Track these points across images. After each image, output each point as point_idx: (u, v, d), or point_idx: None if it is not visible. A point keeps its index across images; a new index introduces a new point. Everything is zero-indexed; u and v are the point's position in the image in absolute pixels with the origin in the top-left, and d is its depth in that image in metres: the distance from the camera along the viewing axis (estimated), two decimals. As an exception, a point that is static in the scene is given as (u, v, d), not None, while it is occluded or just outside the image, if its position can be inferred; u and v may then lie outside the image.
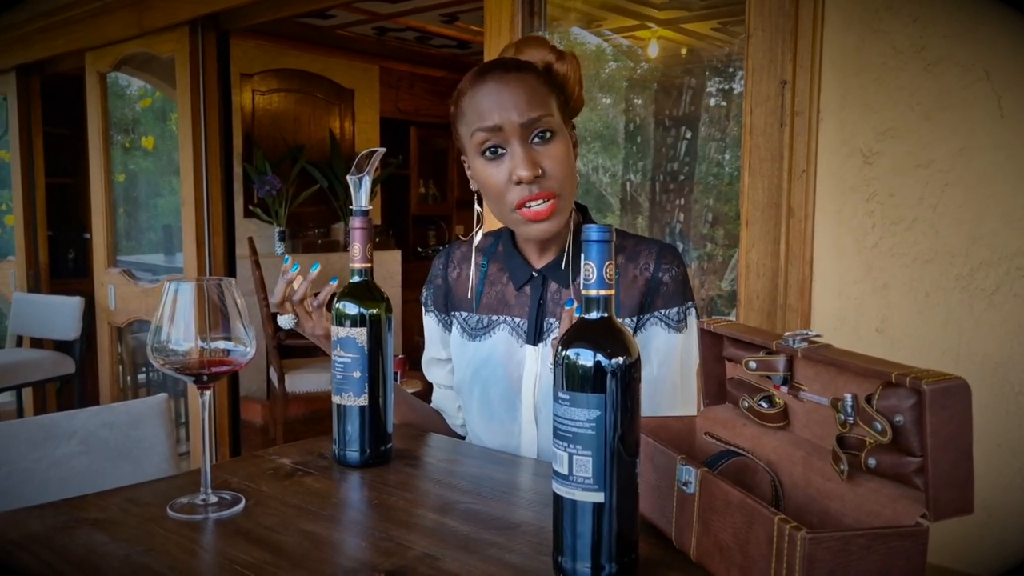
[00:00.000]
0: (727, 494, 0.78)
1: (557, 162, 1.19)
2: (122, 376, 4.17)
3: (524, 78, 1.20)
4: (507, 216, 1.24)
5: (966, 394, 0.69)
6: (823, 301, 1.69)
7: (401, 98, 6.29)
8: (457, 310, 1.38)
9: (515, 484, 1.13)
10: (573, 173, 1.24)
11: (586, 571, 0.79)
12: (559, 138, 1.21)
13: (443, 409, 1.46)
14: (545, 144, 1.20)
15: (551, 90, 1.23)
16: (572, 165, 1.23)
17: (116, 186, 4.09)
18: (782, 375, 0.91)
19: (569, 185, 1.22)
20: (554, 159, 1.19)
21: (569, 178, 1.22)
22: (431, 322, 1.44)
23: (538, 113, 1.18)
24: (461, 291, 1.38)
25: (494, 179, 1.21)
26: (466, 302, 1.37)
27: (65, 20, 3.82)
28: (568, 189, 1.22)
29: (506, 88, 1.19)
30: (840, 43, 1.65)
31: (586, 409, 0.78)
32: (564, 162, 1.20)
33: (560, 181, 1.20)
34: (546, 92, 1.22)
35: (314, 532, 0.93)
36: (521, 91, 1.19)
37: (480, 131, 1.20)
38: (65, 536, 0.91)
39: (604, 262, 0.79)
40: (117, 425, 1.61)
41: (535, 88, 1.20)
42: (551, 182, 1.19)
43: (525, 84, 1.20)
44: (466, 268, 1.38)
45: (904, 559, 0.69)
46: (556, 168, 1.19)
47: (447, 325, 1.41)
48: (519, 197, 1.19)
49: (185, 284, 0.99)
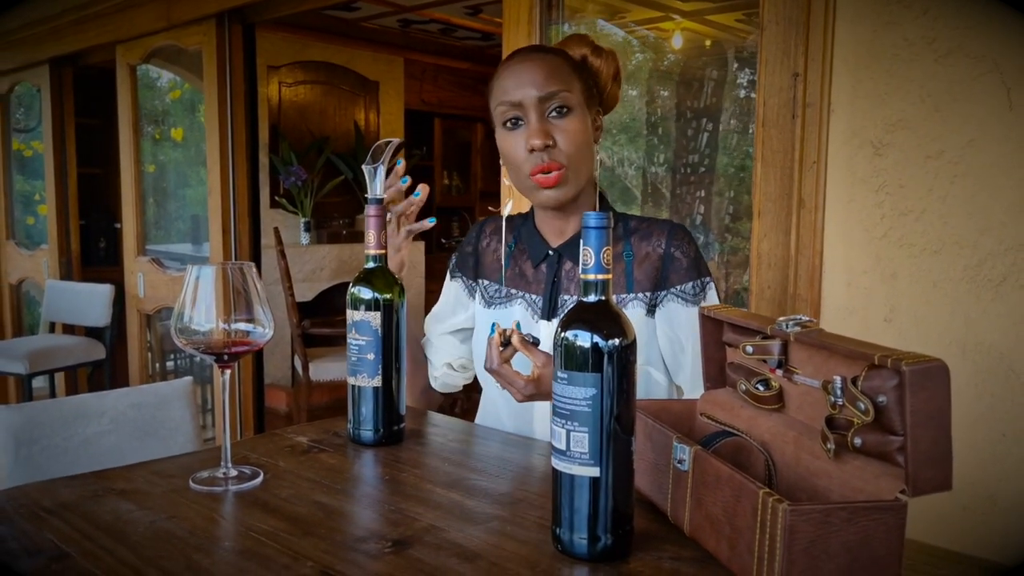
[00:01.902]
0: (718, 470, 0.81)
1: (568, 135, 1.26)
2: (151, 362, 4.27)
3: (547, 58, 1.29)
4: (523, 183, 1.31)
5: (945, 375, 0.72)
6: (832, 291, 1.71)
7: (425, 90, 6.34)
8: (483, 278, 1.46)
9: (522, 463, 1.17)
10: (587, 149, 1.29)
11: (583, 542, 0.83)
12: (575, 115, 1.28)
13: (430, 358, 1.53)
14: (561, 118, 1.27)
15: (577, 75, 1.30)
16: (586, 142, 1.29)
17: (146, 176, 4.18)
18: (777, 359, 0.94)
19: (579, 159, 1.28)
20: (567, 132, 1.26)
21: (580, 152, 1.28)
22: (454, 286, 1.50)
23: (556, 88, 1.26)
24: (488, 260, 1.46)
25: (512, 149, 1.29)
26: (492, 272, 1.44)
27: (97, 13, 3.90)
28: (578, 162, 1.28)
29: (528, 65, 1.28)
30: (852, 35, 1.66)
31: (583, 388, 0.82)
32: (576, 136, 1.27)
33: (569, 154, 1.26)
34: (569, 72, 1.29)
35: (327, 504, 0.98)
36: (541, 68, 1.27)
37: (502, 104, 1.29)
38: (94, 504, 0.97)
39: (602, 247, 0.83)
40: (145, 406, 1.67)
41: (557, 67, 1.28)
42: (560, 154, 1.26)
43: (547, 62, 1.28)
44: (495, 241, 1.46)
45: (883, 532, 0.72)
46: (567, 141, 1.26)
47: (472, 291, 1.48)
48: (532, 165, 1.27)
49: (207, 268, 1.04)
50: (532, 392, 1.19)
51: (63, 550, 0.84)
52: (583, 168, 1.30)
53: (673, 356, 1.33)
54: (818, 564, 0.71)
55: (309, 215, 5.39)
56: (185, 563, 0.81)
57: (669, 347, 1.32)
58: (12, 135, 5.12)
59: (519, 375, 1.19)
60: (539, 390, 1.19)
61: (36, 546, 0.85)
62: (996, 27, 1.50)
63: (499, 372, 1.20)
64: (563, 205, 1.31)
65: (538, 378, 1.18)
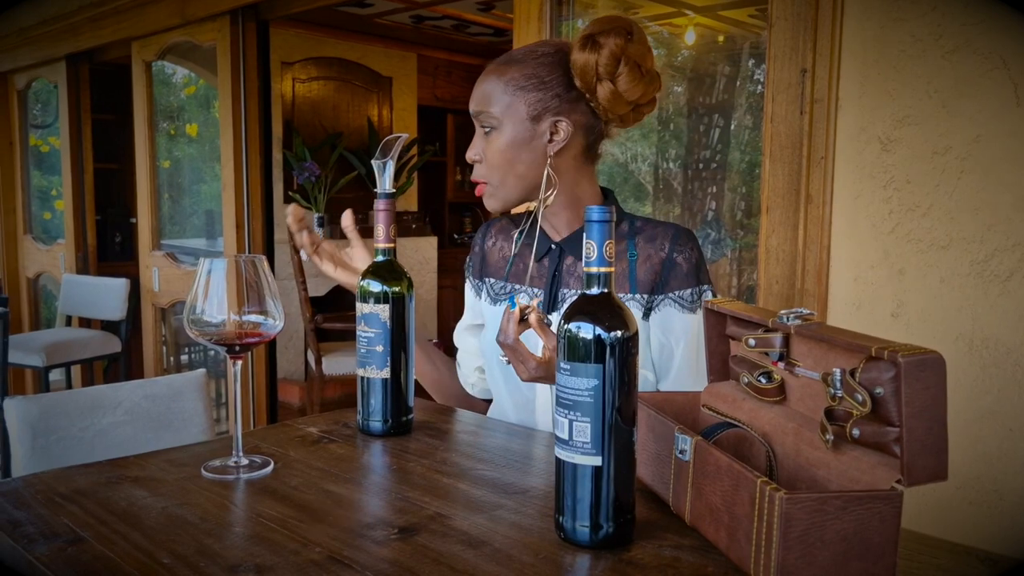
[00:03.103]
0: (718, 460, 0.83)
1: (489, 154, 1.33)
2: (165, 356, 4.31)
3: (501, 70, 1.32)
4: None
5: (940, 367, 0.73)
6: (840, 286, 1.72)
7: (438, 85, 6.36)
8: (488, 276, 1.49)
9: (528, 454, 1.19)
10: (507, 165, 1.32)
11: (585, 530, 0.85)
12: (500, 132, 1.32)
13: (460, 364, 1.57)
14: (487, 135, 1.34)
15: (535, 84, 1.29)
16: (507, 157, 1.32)
17: (161, 172, 4.22)
18: (778, 351, 0.96)
19: (501, 175, 1.33)
20: (488, 150, 1.33)
21: (500, 168, 1.33)
22: (468, 289, 1.55)
23: (480, 108, 1.33)
24: (493, 259, 1.49)
25: None
26: (497, 270, 1.47)
27: (113, 9, 3.94)
28: (499, 178, 1.33)
29: (480, 80, 1.34)
30: (859, 31, 1.67)
31: (585, 379, 0.83)
32: (495, 155, 1.32)
33: (489, 171, 1.34)
34: (516, 87, 1.30)
35: (336, 492, 1.00)
36: (482, 85, 1.33)
37: None
38: (108, 490, 0.99)
39: (604, 241, 0.85)
40: (159, 397, 1.70)
41: (501, 84, 1.31)
42: (482, 169, 1.35)
43: (491, 78, 1.33)
44: (500, 239, 1.49)
45: (879, 521, 0.73)
46: (488, 159, 1.34)
47: (479, 291, 1.51)
48: None
49: (219, 260, 1.06)
50: (540, 375, 1.19)
51: (78, 534, 0.87)
52: (511, 183, 1.33)
53: (661, 361, 1.34)
54: (813, 551, 0.72)
55: (322, 210, 5.42)
56: (196, 547, 0.84)
57: (659, 352, 1.34)
58: (29, 131, 5.17)
59: (532, 355, 1.19)
60: (547, 372, 1.19)
61: (52, 530, 0.88)
62: (1003, 24, 1.51)
63: (512, 347, 1.19)
64: (499, 214, 1.40)
65: (548, 360, 1.19)
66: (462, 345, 1.55)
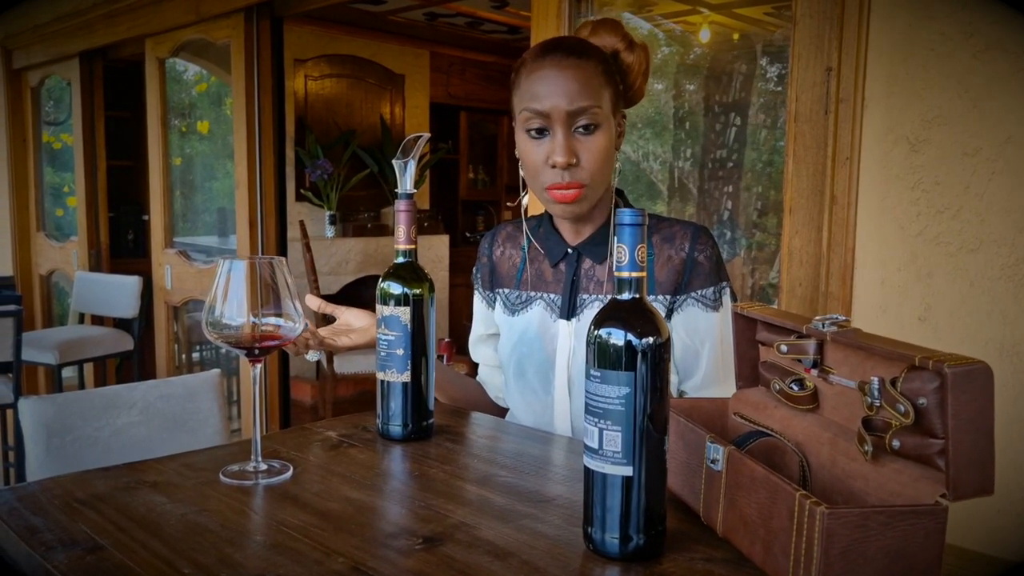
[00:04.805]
0: (752, 471, 0.80)
1: (593, 155, 1.23)
2: (178, 354, 4.31)
3: (582, 65, 1.22)
4: (539, 191, 1.29)
5: (988, 378, 0.71)
6: (865, 289, 1.69)
7: (452, 83, 6.34)
8: (500, 287, 1.44)
9: (551, 460, 1.17)
10: (608, 165, 1.27)
11: (614, 542, 0.83)
12: (602, 131, 1.23)
13: (485, 382, 1.52)
14: (587, 135, 1.23)
15: (608, 80, 1.25)
16: (608, 158, 1.26)
17: (173, 169, 4.21)
18: (812, 358, 0.93)
19: (600, 176, 1.26)
20: (591, 151, 1.23)
21: (602, 170, 1.25)
22: (478, 300, 1.50)
23: (586, 103, 1.21)
24: (504, 268, 1.44)
25: (533, 157, 1.26)
26: (508, 279, 1.43)
27: (128, 7, 3.94)
28: (599, 180, 1.26)
29: (561, 75, 1.21)
30: (887, 29, 1.64)
31: (616, 386, 0.81)
32: (600, 155, 1.24)
33: (592, 173, 1.24)
34: (601, 83, 1.24)
35: (357, 499, 0.98)
36: (575, 79, 1.21)
37: (527, 111, 1.24)
38: (127, 496, 0.97)
39: (636, 245, 0.82)
40: (174, 397, 1.68)
41: (590, 78, 1.22)
42: (583, 173, 1.23)
43: (581, 72, 1.22)
44: (510, 247, 1.44)
45: (923, 537, 0.71)
46: (591, 160, 1.23)
47: (491, 302, 1.47)
48: (551, 180, 1.24)
49: (239, 262, 1.04)
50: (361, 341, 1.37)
51: (97, 542, 0.85)
52: (602, 183, 1.28)
53: (685, 361, 1.31)
54: (855, 568, 0.70)
55: (335, 208, 5.41)
56: (218, 556, 0.82)
57: (683, 352, 1.31)
58: (42, 128, 5.18)
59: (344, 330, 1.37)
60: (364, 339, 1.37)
61: (71, 537, 0.86)
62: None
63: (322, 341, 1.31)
64: (577, 218, 1.31)
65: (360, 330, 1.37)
66: (482, 358, 1.52)
